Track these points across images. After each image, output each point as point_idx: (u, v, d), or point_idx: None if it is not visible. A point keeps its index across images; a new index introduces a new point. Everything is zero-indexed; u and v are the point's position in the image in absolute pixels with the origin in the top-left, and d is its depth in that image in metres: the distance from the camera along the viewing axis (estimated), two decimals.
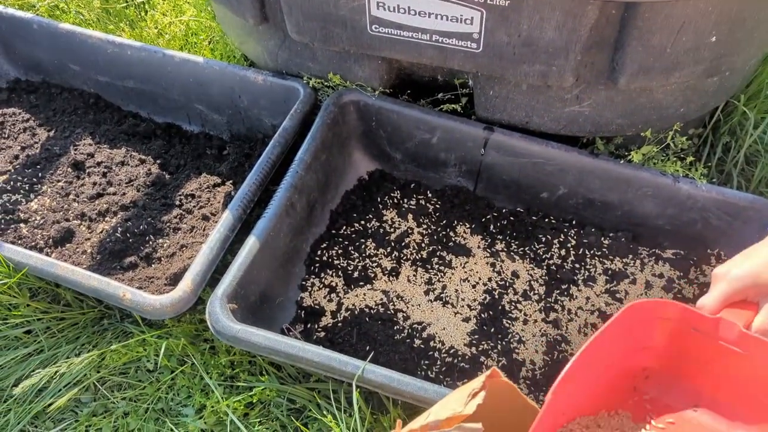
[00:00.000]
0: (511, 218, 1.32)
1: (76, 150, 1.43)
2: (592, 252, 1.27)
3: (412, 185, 1.38)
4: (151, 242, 1.25)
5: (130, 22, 1.70)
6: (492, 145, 1.26)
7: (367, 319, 1.16)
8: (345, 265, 1.24)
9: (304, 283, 1.22)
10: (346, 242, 1.28)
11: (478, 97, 1.24)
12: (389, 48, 1.16)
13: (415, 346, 1.13)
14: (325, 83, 1.34)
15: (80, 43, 1.48)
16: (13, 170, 1.40)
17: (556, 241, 1.28)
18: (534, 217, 1.32)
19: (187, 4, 1.67)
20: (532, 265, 1.25)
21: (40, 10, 1.71)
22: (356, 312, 1.17)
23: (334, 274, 1.23)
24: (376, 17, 1.10)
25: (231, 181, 1.36)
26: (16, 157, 1.43)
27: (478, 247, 1.28)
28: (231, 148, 1.43)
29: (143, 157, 1.43)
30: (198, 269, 1.06)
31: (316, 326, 1.16)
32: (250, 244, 1.08)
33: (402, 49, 1.15)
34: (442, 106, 1.30)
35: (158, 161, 1.43)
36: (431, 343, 1.13)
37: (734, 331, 0.73)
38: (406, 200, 1.35)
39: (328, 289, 1.21)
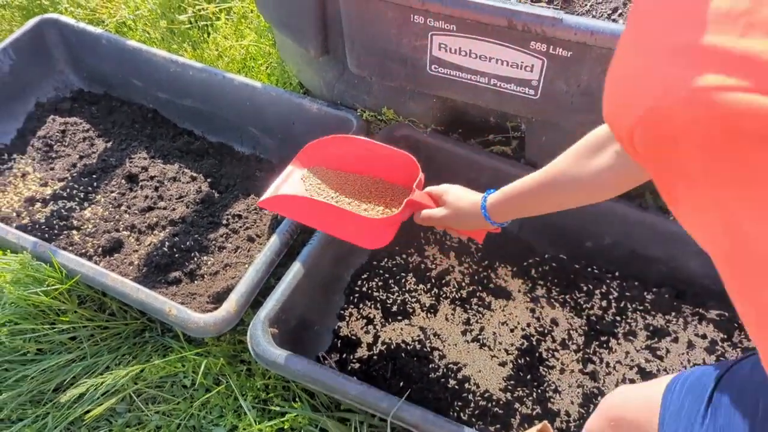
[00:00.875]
0: (554, 264, 1.31)
1: (131, 162, 1.48)
2: (634, 306, 1.25)
3: None
4: (195, 259, 1.27)
5: (193, 43, 1.75)
6: None
7: (402, 354, 1.16)
8: (384, 297, 1.25)
9: (342, 312, 1.23)
10: (387, 275, 1.28)
11: (530, 141, 1.25)
12: (446, 88, 1.18)
13: (449, 386, 1.12)
14: (378, 116, 1.37)
15: (145, 60, 1.53)
16: (70, 178, 1.45)
17: (597, 291, 1.27)
18: (577, 265, 1.31)
19: (248, 29, 1.73)
20: (572, 314, 1.24)
21: (109, 26, 1.78)
22: (392, 346, 1.17)
23: (372, 305, 1.24)
24: (437, 57, 1.12)
25: None
26: (74, 165, 1.48)
27: (519, 290, 1.27)
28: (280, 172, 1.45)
29: (194, 174, 1.46)
30: (243, 290, 1.07)
31: (352, 357, 1.16)
32: (295, 270, 1.09)
33: (459, 90, 1.17)
34: (491, 148, 1.31)
35: (209, 179, 1.46)
36: (466, 385, 1.13)
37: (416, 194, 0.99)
38: (449, 237, 1.35)
39: (365, 321, 1.21)
